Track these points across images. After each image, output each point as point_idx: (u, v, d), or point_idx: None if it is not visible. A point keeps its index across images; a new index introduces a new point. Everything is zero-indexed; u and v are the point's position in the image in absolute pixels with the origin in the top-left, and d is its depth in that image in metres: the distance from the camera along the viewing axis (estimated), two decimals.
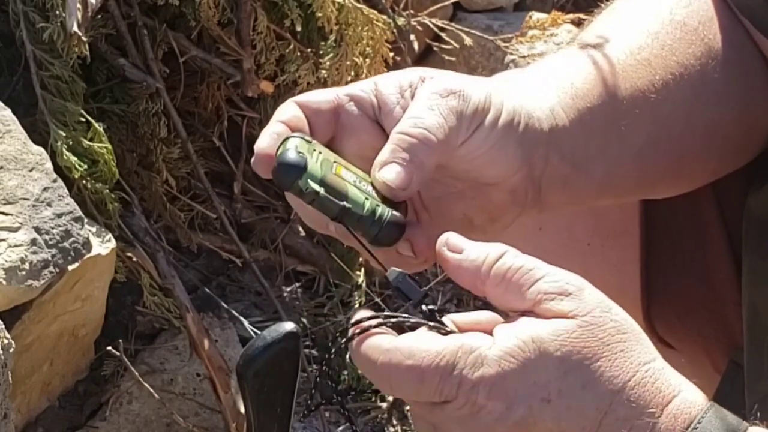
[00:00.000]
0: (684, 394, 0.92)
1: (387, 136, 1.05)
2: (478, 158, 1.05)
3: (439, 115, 1.02)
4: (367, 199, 1.00)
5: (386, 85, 1.06)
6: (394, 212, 1.00)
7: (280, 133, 1.02)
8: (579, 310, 0.91)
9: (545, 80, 1.12)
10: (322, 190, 0.98)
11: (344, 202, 0.98)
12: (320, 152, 1.00)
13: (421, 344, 0.92)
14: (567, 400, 0.90)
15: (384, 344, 0.93)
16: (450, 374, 0.90)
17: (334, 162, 1.01)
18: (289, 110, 1.04)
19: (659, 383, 0.92)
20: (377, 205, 1.00)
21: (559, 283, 0.93)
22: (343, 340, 0.95)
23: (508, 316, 0.94)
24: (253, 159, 1.03)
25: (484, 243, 0.96)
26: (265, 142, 1.02)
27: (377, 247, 1.01)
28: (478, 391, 0.90)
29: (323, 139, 1.04)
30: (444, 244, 0.96)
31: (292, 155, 0.98)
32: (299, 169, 0.97)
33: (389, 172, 1.01)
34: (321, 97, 1.06)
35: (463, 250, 0.95)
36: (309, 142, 1.00)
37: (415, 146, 1.01)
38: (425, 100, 1.04)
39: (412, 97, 1.05)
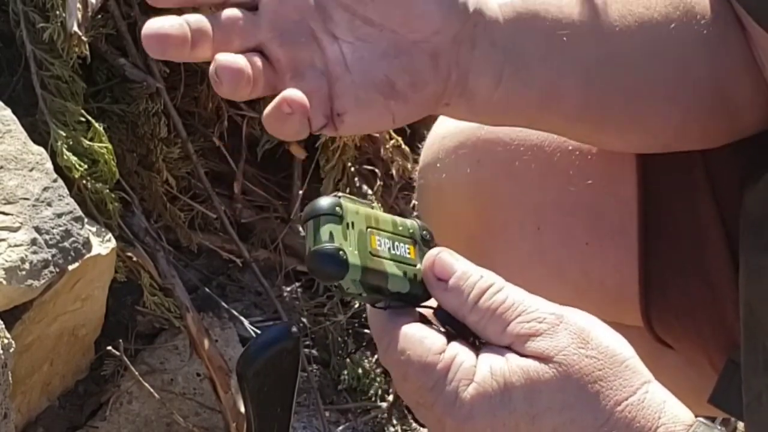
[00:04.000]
0: (662, 429, 0.91)
1: None
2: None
3: None
4: (405, 272, 0.94)
5: None
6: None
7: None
8: (551, 350, 0.90)
9: None
10: (364, 293, 0.93)
11: (386, 291, 0.94)
12: (352, 223, 0.93)
13: (418, 346, 0.92)
14: None
15: (393, 325, 0.93)
16: (430, 389, 0.91)
17: (368, 230, 0.94)
18: None
19: (635, 423, 0.90)
20: (414, 274, 0.95)
21: (531, 323, 0.91)
22: (380, 305, 0.95)
23: None
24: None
25: (472, 270, 0.94)
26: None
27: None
28: (447, 421, 0.90)
29: None
30: (431, 267, 0.94)
31: (330, 250, 0.91)
32: (340, 269, 0.91)
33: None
34: None
35: (450, 276, 0.94)
36: (341, 216, 0.93)
37: None
38: None
39: None
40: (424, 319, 0.95)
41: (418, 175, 1.48)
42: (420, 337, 0.92)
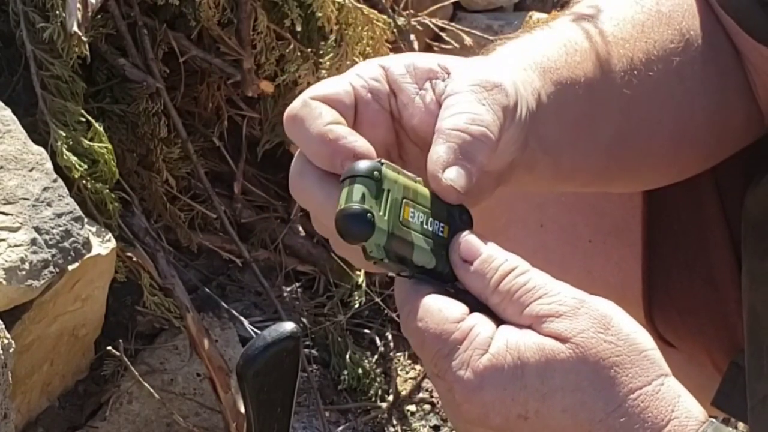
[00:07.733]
0: (674, 423, 0.90)
1: (397, 128, 1.01)
2: (498, 153, 1.01)
3: (492, 111, 0.97)
4: (433, 248, 0.94)
5: (398, 72, 1.00)
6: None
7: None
8: (570, 331, 0.90)
9: (528, 57, 1.08)
10: (386, 259, 0.92)
11: (410, 262, 0.94)
12: (388, 190, 0.92)
13: (436, 315, 0.92)
14: (545, 421, 0.90)
15: (414, 295, 0.93)
16: (444, 356, 0.91)
17: (404, 200, 0.93)
18: (324, 112, 0.97)
19: (646, 413, 0.90)
20: (443, 252, 0.95)
21: (551, 305, 0.91)
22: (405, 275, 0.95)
23: None
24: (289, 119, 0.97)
25: (498, 253, 0.94)
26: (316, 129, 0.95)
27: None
28: (457, 389, 0.90)
29: None
30: (457, 248, 0.95)
31: (358, 210, 0.91)
32: (366, 230, 0.91)
33: (455, 175, 0.95)
34: (338, 89, 0.99)
35: (476, 258, 0.94)
36: (379, 180, 0.92)
37: (475, 146, 0.96)
38: (470, 93, 0.98)
39: (434, 89, 0.99)
40: (449, 294, 0.94)
41: None
42: (439, 307, 0.92)
